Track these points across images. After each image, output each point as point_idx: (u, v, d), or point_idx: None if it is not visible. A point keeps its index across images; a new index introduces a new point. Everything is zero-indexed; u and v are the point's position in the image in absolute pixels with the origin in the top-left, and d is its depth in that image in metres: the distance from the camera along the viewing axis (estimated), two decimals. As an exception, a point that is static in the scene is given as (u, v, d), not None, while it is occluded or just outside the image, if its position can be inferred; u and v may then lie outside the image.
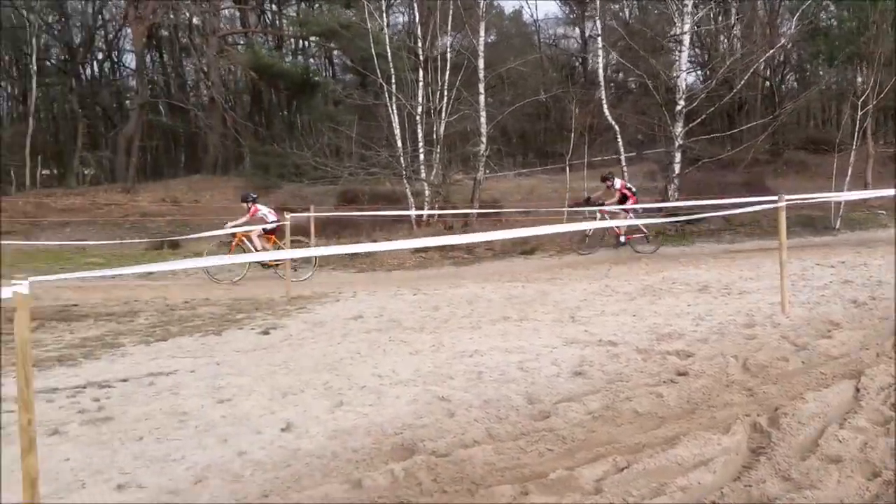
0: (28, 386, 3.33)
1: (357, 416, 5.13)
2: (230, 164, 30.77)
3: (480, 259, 14.83)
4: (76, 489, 3.98)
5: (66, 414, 5.23)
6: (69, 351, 7.36)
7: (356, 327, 8.25)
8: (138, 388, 5.95)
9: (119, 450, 4.57)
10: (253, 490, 3.94)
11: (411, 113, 19.70)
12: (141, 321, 9.00)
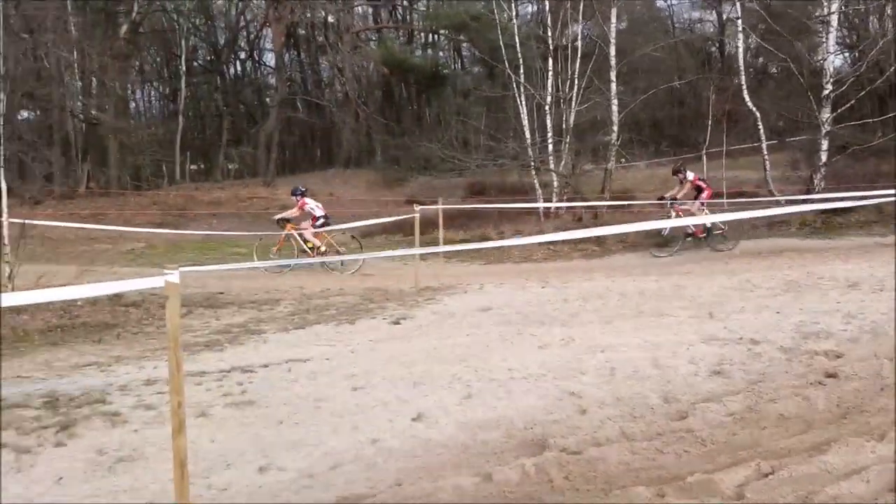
0: (178, 370, 3.52)
1: (486, 408, 5.13)
2: (362, 157, 31.61)
3: (611, 251, 14.49)
4: (221, 470, 4.18)
5: (212, 396, 5.51)
6: (216, 336, 7.77)
7: (484, 319, 8.25)
8: (278, 373, 6.19)
9: (261, 433, 4.78)
10: (386, 478, 4.01)
11: (540, 103, 19.51)
12: (280, 309, 9.38)
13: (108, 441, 4.65)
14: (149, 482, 4.04)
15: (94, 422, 4.99)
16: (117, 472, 4.19)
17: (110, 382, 6.01)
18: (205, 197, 23.45)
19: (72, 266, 10.76)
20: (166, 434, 4.71)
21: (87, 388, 5.81)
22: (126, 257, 14.49)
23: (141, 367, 6.54)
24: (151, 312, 9.03)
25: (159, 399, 5.48)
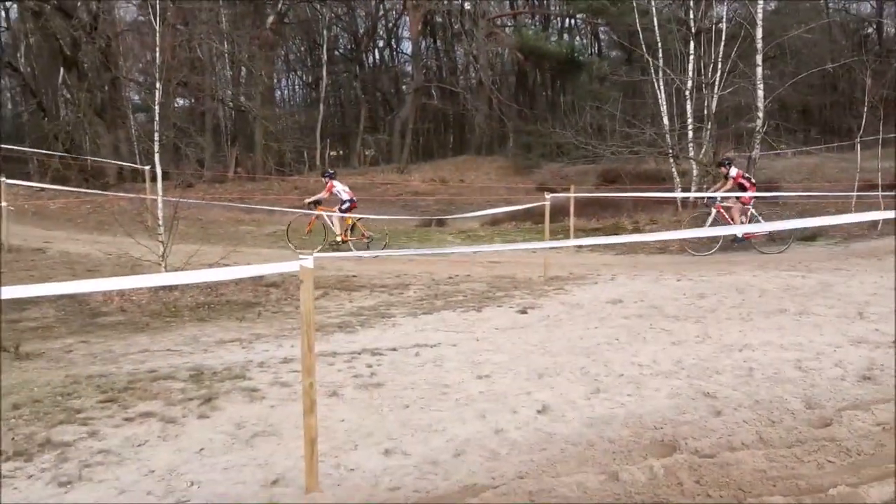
0: (310, 351, 3.63)
1: (614, 405, 5.01)
2: (494, 144, 31.63)
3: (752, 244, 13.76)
4: (349, 450, 4.29)
5: (343, 377, 5.68)
6: (348, 318, 8.01)
7: (615, 312, 8.06)
8: (405, 357, 6.30)
9: (387, 416, 4.87)
10: (509, 470, 3.98)
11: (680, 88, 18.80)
12: (410, 294, 9.55)
13: (247, 415, 4.88)
14: (281, 458, 4.20)
15: (235, 396, 5.26)
16: (253, 446, 4.38)
17: (250, 359, 6.31)
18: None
19: (219, 246, 11.36)
20: (299, 411, 4.91)
21: (230, 364, 6.14)
22: (268, 239, 15.18)
23: (279, 345, 6.83)
24: (290, 293, 9.40)
25: (294, 377, 5.70)
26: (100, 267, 11.10)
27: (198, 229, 14.87)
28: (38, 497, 3.76)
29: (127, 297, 8.72)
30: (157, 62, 9.04)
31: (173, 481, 3.92)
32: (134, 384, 5.57)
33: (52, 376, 5.90)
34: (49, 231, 14.31)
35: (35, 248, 12.58)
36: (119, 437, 4.53)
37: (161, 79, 9.02)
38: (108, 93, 22.45)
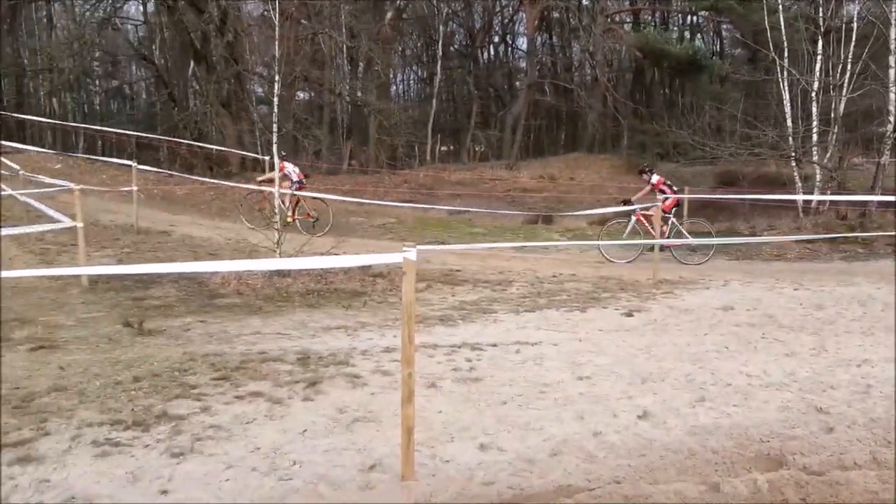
0: (410, 342, 3.69)
1: (720, 414, 4.85)
2: (607, 142, 31.05)
3: (878, 254, 12.99)
4: (445, 442, 4.34)
5: (442, 369, 5.74)
6: (450, 312, 8.08)
7: (725, 319, 7.79)
8: (505, 354, 6.31)
9: (484, 410, 4.90)
10: (605, 473, 3.93)
11: (806, 89, 17.88)
12: (513, 291, 9.53)
13: (348, 401, 5.01)
14: (379, 444, 4.29)
15: (338, 382, 5.41)
16: (353, 431, 4.50)
17: (354, 346, 6.48)
18: (451, 177, 24.37)
19: (329, 236, 11.70)
20: (399, 400, 5.00)
21: (335, 350, 6.32)
22: (377, 231, 15.51)
23: (382, 334, 6.98)
24: (395, 284, 9.56)
25: (395, 367, 5.80)
26: (219, 251, 11.64)
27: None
28: (153, 466, 3.99)
29: (243, 280, 9.11)
30: (276, 56, 9.36)
31: (277, 460, 4.08)
32: (245, 364, 5.83)
33: (170, 352, 6.24)
34: (175, 215, 15.10)
35: (161, 230, 13.32)
36: (229, 414, 4.75)
37: (280, 72, 9.34)
38: (234, 85, 23.46)
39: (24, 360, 6.05)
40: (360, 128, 27.47)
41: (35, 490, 3.70)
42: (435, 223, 17.22)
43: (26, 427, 4.50)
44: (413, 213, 18.03)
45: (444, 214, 18.27)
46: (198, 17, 21.89)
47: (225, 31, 22.03)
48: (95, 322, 7.43)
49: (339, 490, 3.73)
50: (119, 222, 13.47)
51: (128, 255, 11.25)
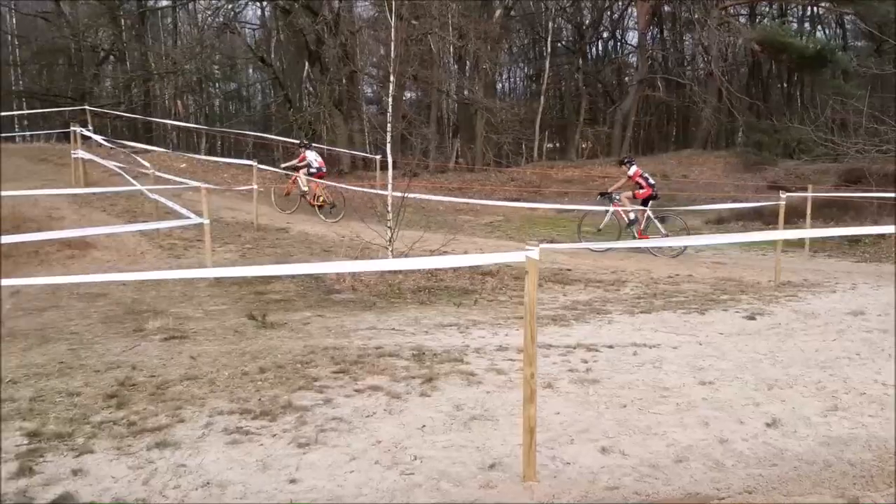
0: (533, 342, 3.66)
1: (854, 425, 4.59)
2: (721, 139, 30.00)
3: None
4: (565, 443, 4.29)
5: (558, 370, 5.68)
6: (562, 312, 7.99)
7: (855, 324, 7.36)
8: (622, 356, 6.18)
9: (603, 413, 4.81)
10: (735, 483, 3.79)
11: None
12: (626, 291, 9.33)
13: (464, 398, 5.03)
14: (497, 443, 4.29)
15: (453, 378, 5.45)
16: (471, 429, 4.51)
17: (467, 344, 6.50)
18: (558, 175, 24.14)
19: (439, 234, 11.77)
20: (514, 399, 4.98)
21: (448, 347, 6.36)
22: (485, 229, 15.53)
23: (494, 333, 6.97)
24: (505, 282, 9.55)
25: (509, 365, 5.80)
26: (334, 248, 11.93)
27: (421, 216, 15.51)
28: (281, 455, 4.13)
29: (357, 277, 9.30)
30: (392, 56, 9.50)
31: (398, 454, 4.14)
32: (363, 359, 5.95)
33: (292, 345, 6.45)
34: (292, 213, 15.59)
35: (279, 227, 13.78)
36: (350, 407, 4.86)
37: (395, 72, 9.48)
38: (346, 86, 24.05)
39: (158, 349, 6.38)
40: (467, 126, 27.61)
41: (173, 474, 3.89)
42: (543, 221, 17.09)
43: (162, 413, 4.74)
44: (520, 211, 17.94)
45: (552, 212, 18.09)
46: (312, 19, 22.54)
47: (338, 32, 22.60)
48: (221, 314, 7.76)
49: (461, 487, 3.74)
50: (240, 219, 14.03)
51: (249, 251, 11.70)
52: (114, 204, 14.07)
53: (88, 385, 5.33)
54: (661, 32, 34.03)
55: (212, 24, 25.62)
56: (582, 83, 32.76)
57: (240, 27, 27.95)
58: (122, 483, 3.80)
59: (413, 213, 14.01)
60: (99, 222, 12.68)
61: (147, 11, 29.13)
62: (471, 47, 24.81)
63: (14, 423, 4.60)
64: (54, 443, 4.30)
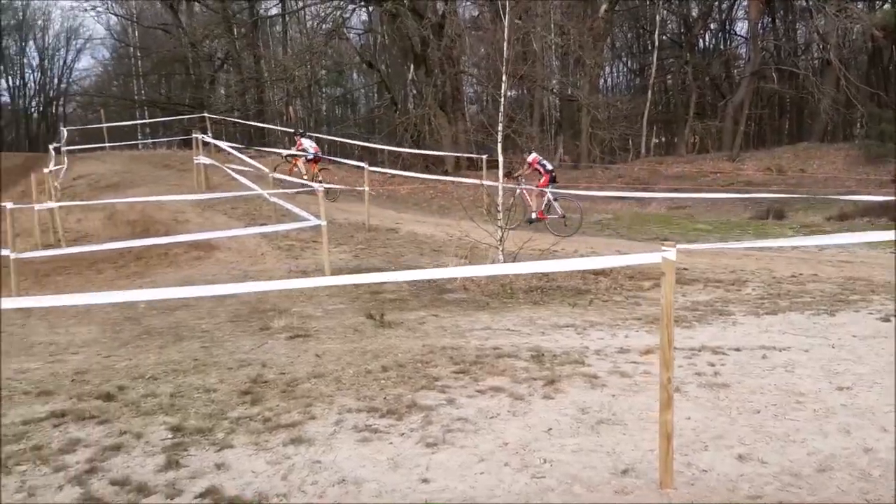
0: (670, 346, 3.57)
1: None
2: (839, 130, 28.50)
3: None
4: (699, 450, 4.17)
5: (684, 374, 5.52)
6: (682, 313, 7.76)
7: None
8: (751, 359, 5.95)
9: (737, 419, 4.65)
10: (885, 494, 3.59)
11: None
12: (748, 291, 8.99)
13: (589, 401, 4.97)
14: (628, 448, 4.21)
15: (576, 381, 5.39)
16: (599, 433, 4.45)
17: (586, 346, 6.42)
18: (667, 171, 23.54)
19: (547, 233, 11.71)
20: (641, 403, 4.89)
21: (567, 349, 6.30)
22: (594, 227, 15.31)
23: (613, 334, 6.86)
24: (619, 282, 9.38)
25: (633, 368, 5.69)
26: (443, 247, 12.05)
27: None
28: (410, 454, 4.19)
29: (468, 277, 9.34)
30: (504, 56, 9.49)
31: (527, 456, 4.13)
32: (482, 359, 5.97)
33: (411, 344, 6.54)
34: (400, 213, 15.86)
35: (389, 227, 14.04)
36: (473, 408, 4.88)
37: (507, 72, 9.47)
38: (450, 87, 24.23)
39: (284, 347, 6.61)
40: (571, 122, 27.31)
41: (309, 470, 4.01)
42: (654, 219, 16.72)
43: (294, 410, 4.90)
44: (630, 209, 17.62)
45: (662, 210, 17.69)
46: (418, 22, 22.82)
47: (443, 35, 22.78)
48: (341, 313, 7.97)
49: (595, 492, 3.69)
50: (352, 220, 14.36)
51: (361, 251, 11.97)
52: (234, 207, 14.69)
53: (223, 382, 5.57)
54: (773, 21, 32.63)
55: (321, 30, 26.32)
56: (691, 76, 31.79)
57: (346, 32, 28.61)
58: (263, 478, 3.95)
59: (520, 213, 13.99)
60: (221, 225, 13.28)
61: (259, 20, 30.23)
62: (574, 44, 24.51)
63: (158, 418, 4.86)
64: (196, 437, 4.50)
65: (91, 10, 48.96)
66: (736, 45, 35.18)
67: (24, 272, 10.08)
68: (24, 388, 5.64)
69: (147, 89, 36.21)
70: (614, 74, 39.60)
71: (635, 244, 12.84)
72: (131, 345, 7.00)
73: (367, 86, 35.15)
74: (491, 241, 10.12)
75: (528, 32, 22.12)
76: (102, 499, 3.75)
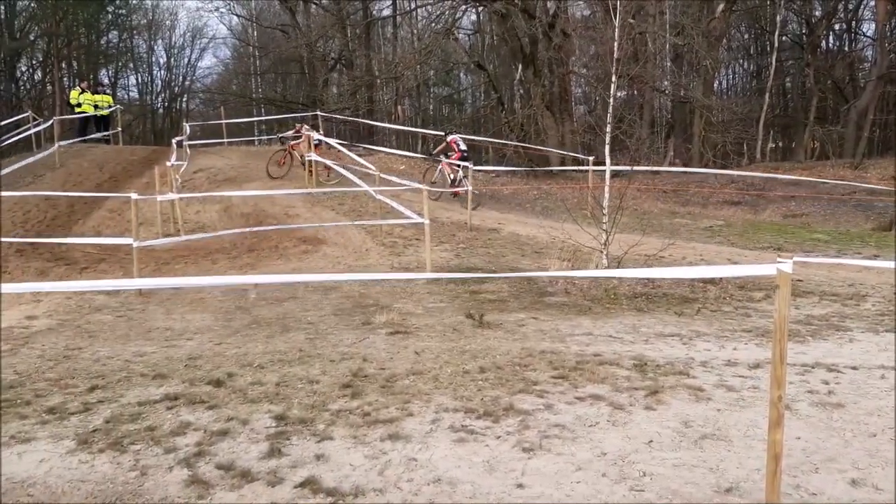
0: (782, 362, 3.40)
1: None
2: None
3: None
4: (809, 472, 3.97)
5: (795, 391, 5.27)
6: (795, 326, 7.40)
7: None
8: (868, 378, 5.63)
9: (851, 441, 4.40)
10: None
11: None
12: (868, 307, 8.49)
13: (693, 415, 4.81)
14: (732, 466, 4.06)
15: (679, 392, 5.23)
16: (702, 448, 4.30)
17: (692, 357, 6.22)
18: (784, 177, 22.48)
19: (653, 237, 11.39)
20: (748, 419, 4.71)
21: (671, 358, 6.13)
22: (704, 234, 14.81)
23: (721, 346, 6.62)
24: (728, 291, 9.05)
25: (741, 382, 5.48)
26: (545, 249, 11.95)
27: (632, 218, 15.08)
28: (506, 458, 4.17)
29: (570, 280, 9.23)
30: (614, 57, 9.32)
31: (625, 468, 4.03)
32: (582, 365, 5.89)
33: (509, 346, 6.52)
34: (502, 214, 15.83)
35: (490, 228, 14.03)
36: (571, 415, 4.82)
37: (617, 73, 9.29)
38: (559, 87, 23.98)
39: (384, 342, 6.72)
40: (683, 125, 26.53)
41: (405, 467, 4.06)
42: (767, 227, 16.01)
43: (392, 406, 4.97)
44: (742, 216, 16.98)
45: (777, 217, 16.94)
46: (528, 22, 22.70)
47: (553, 34, 22.58)
48: (440, 311, 8.03)
49: (696, 509, 3.58)
50: (454, 219, 14.45)
51: (463, 251, 12.02)
52: (341, 203, 15.05)
53: (325, 373, 5.72)
54: (902, 22, 30.66)
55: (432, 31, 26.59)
56: (812, 79, 30.29)
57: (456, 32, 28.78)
58: (360, 471, 4.02)
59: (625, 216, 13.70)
60: (328, 220, 13.63)
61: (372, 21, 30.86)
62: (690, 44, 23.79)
63: (263, 406, 5.04)
64: (298, 427, 4.64)
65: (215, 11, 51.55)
66: (861, 47, 33.33)
67: (145, 259, 10.65)
68: (141, 370, 5.96)
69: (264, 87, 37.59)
70: (730, 76, 38.26)
71: (747, 253, 12.35)
72: (241, 333, 7.28)
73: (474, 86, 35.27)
74: (595, 244, 9.97)
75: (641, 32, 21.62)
76: (209, 482, 3.92)
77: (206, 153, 19.83)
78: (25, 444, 4.45)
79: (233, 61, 42.02)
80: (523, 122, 23.37)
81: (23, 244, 11.35)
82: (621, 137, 14.13)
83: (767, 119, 28.63)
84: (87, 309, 8.51)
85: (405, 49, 30.35)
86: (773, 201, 18.73)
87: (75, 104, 21.05)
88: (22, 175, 16.09)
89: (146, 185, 15.36)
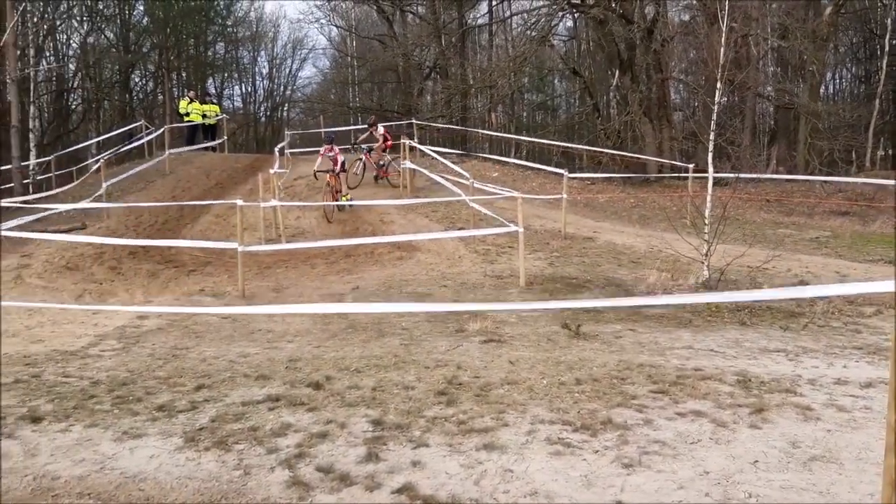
0: (903, 385, 3.21)
1: None
2: None
3: None
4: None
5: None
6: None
7: None
8: None
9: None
10: None
11: None
12: None
13: (801, 435, 4.60)
14: (843, 490, 3.86)
15: (786, 411, 5.02)
16: (811, 470, 4.11)
17: (799, 374, 5.96)
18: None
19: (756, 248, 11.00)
20: (860, 441, 4.48)
21: (777, 375, 5.89)
22: (810, 245, 14.17)
23: (830, 363, 6.32)
24: (837, 306, 8.63)
25: (852, 402, 5.22)
26: (642, 259, 11.71)
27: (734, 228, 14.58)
28: (605, 473, 4.09)
29: (669, 291, 9.02)
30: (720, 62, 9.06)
31: (730, 488, 3.90)
32: (682, 380, 5.73)
33: (606, 359, 6.41)
34: (598, 222, 15.61)
35: (585, 236, 13.84)
36: (672, 431, 4.69)
37: (723, 79, 9.02)
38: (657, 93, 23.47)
39: (478, 350, 6.73)
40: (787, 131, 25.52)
41: (501, 478, 4.05)
42: (878, 238, 15.17)
43: (487, 415, 4.97)
44: (851, 227, 16.18)
45: (888, 229, 16.00)
46: (625, 28, 22.35)
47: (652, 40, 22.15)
48: (534, 321, 7.98)
49: (806, 536, 3.42)
50: (548, 227, 14.33)
51: (556, 259, 11.91)
52: (435, 210, 15.16)
53: (420, 380, 5.77)
54: None
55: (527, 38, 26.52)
56: (930, 83, 28.60)
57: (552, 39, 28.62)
58: (456, 480, 4.03)
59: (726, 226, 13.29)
60: (422, 227, 13.77)
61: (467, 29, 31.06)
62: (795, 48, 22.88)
63: (360, 410, 5.12)
64: (394, 433, 4.70)
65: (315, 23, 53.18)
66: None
67: (248, 263, 11.02)
68: (244, 370, 6.17)
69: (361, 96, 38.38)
70: (836, 81, 36.55)
71: (856, 266, 11.75)
72: (338, 337, 7.44)
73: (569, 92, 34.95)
74: (695, 254, 9.70)
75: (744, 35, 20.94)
76: (309, 484, 4.01)
77: (306, 160, 20.36)
78: (137, 440, 4.67)
79: (331, 71, 43.02)
80: (620, 129, 22.99)
81: (135, 247, 11.92)
82: (723, 145, 13.71)
83: (877, 126, 27.20)
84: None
85: (499, 57, 30.36)
86: (884, 212, 17.71)
87: (184, 113, 22.02)
88: (135, 181, 16.94)
89: (250, 192, 15.90)
